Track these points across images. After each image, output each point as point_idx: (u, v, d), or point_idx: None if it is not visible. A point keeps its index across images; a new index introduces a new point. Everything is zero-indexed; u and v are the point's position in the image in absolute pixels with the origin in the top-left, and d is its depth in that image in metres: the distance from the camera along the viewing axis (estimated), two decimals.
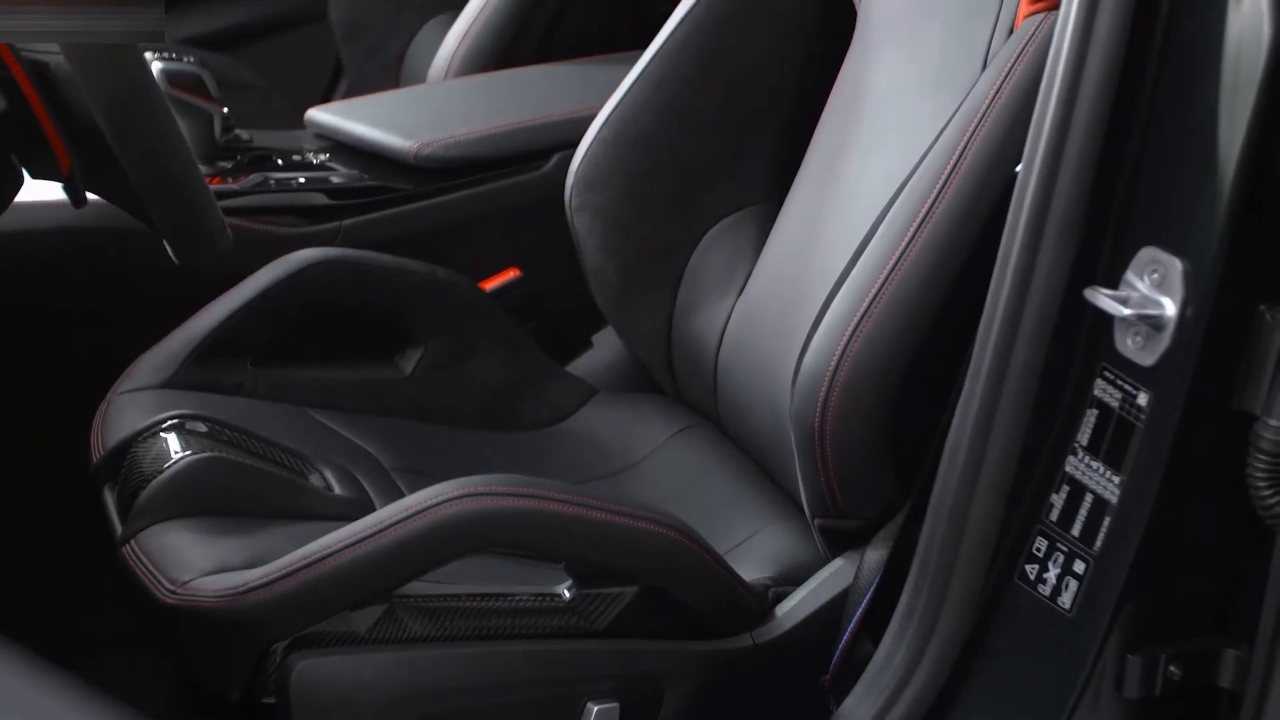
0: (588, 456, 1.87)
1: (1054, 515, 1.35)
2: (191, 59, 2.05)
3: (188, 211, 1.39)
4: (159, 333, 1.78)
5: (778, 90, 1.86)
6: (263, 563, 1.42)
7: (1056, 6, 1.33)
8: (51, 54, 1.37)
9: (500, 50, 2.43)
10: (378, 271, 1.86)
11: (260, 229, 1.98)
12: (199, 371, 1.74)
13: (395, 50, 2.81)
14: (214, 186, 1.98)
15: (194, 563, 1.44)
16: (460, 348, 1.89)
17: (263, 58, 3.02)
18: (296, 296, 1.80)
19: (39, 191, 1.63)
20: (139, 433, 1.63)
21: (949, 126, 1.51)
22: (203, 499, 1.53)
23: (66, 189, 1.50)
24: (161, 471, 1.54)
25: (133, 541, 1.50)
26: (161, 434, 1.61)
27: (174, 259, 1.47)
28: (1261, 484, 1.24)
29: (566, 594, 1.46)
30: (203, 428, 1.62)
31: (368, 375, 1.86)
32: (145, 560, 1.47)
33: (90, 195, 1.57)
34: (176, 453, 1.57)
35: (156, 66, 1.97)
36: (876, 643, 1.46)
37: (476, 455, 1.82)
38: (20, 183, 1.51)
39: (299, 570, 1.38)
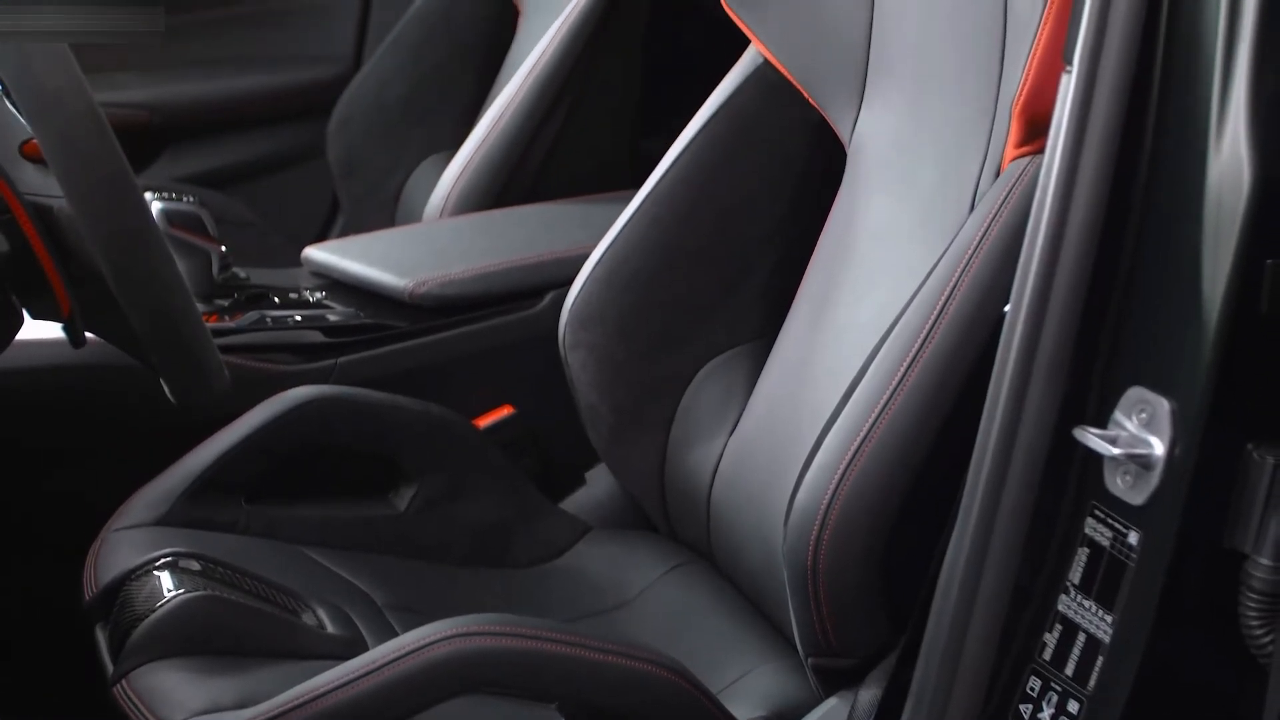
0: (581, 594, 1.87)
1: (1047, 654, 1.35)
2: (191, 199, 2.08)
3: (185, 352, 1.40)
4: (154, 469, 1.79)
5: (770, 229, 1.88)
6: (254, 703, 1.41)
7: (1042, 150, 1.36)
8: (55, 198, 1.39)
9: (495, 189, 2.46)
10: (372, 409, 1.87)
11: (256, 367, 1.99)
12: (193, 508, 1.75)
13: (392, 188, 2.84)
14: (211, 325, 2.00)
15: (185, 703, 1.44)
16: (454, 485, 1.90)
17: (260, 195, 3.05)
18: (291, 434, 1.81)
19: (37, 330, 1.64)
20: (132, 571, 1.63)
21: (938, 267, 1.53)
22: (195, 638, 1.53)
23: (66, 330, 1.51)
24: (154, 610, 1.54)
25: (124, 681, 1.49)
26: (154, 572, 1.61)
27: (171, 398, 1.48)
28: (1254, 622, 1.24)
29: None
30: (196, 566, 1.63)
31: (362, 512, 1.87)
32: (136, 700, 1.47)
33: (89, 335, 1.58)
34: (169, 591, 1.57)
35: (156, 207, 1.99)
36: None
37: (470, 593, 1.82)
38: (20, 323, 1.53)
39: (290, 710, 1.38)
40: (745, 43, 1.85)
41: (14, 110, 1.46)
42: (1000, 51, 1.56)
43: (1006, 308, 1.35)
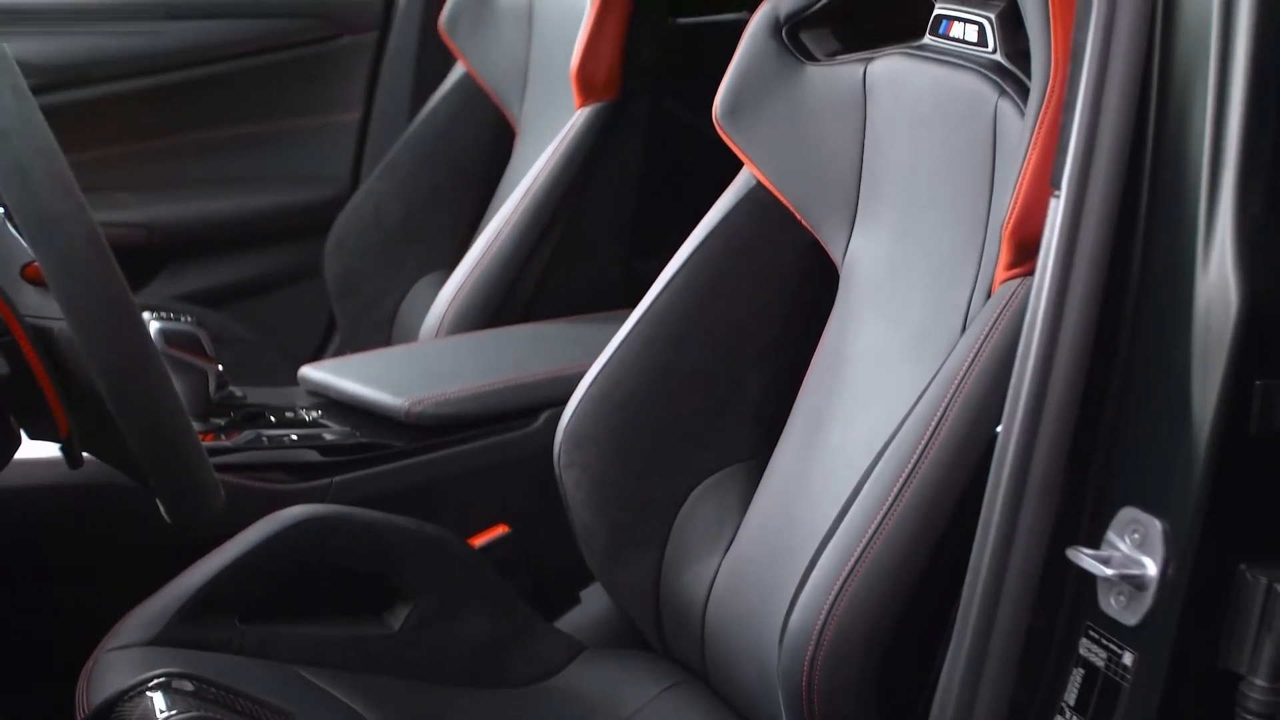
0: (576, 714, 1.86)
1: None
2: (188, 318, 2.09)
3: (182, 472, 1.41)
4: (149, 588, 1.79)
5: (763, 349, 1.89)
6: None
7: (1032, 272, 1.38)
8: (55, 320, 1.40)
9: (491, 308, 2.48)
10: (367, 528, 1.87)
11: (252, 486, 1.99)
12: (187, 628, 1.74)
13: (388, 307, 2.86)
14: (207, 443, 2.00)
15: None
16: (448, 604, 1.89)
17: (257, 313, 3.07)
18: (286, 553, 1.81)
19: (35, 450, 1.65)
20: (125, 692, 1.62)
21: (930, 387, 1.54)
22: None
23: (64, 450, 1.52)
24: None
25: None
26: (147, 693, 1.61)
27: (167, 518, 1.48)
28: None
29: None
30: (189, 686, 1.62)
31: (356, 632, 1.86)
32: None
33: (86, 455, 1.59)
34: (162, 713, 1.56)
35: (154, 326, 2.01)
36: None
37: (465, 714, 1.81)
38: (18, 444, 1.53)
39: None
40: (739, 164, 1.87)
41: (16, 234, 1.48)
42: (990, 175, 1.58)
43: (999, 428, 1.36)
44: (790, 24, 1.81)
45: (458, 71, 2.90)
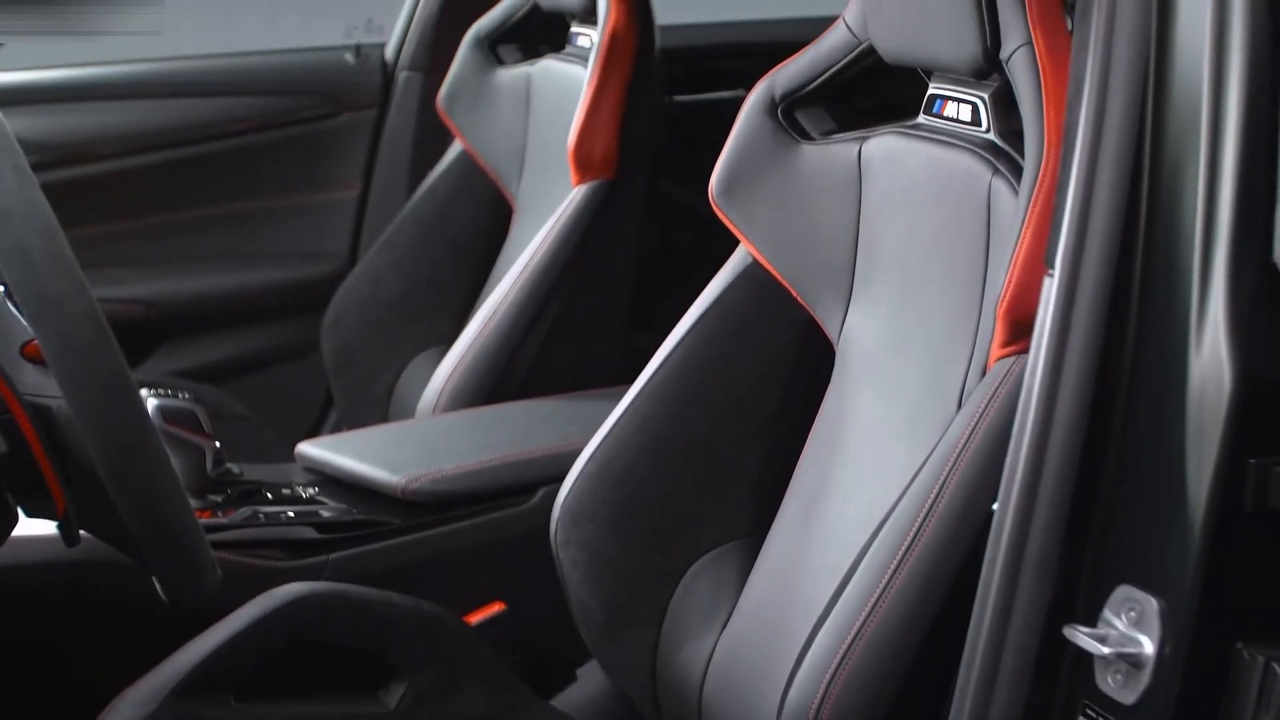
0: None
1: None
2: (186, 395, 2.10)
3: (178, 550, 1.41)
4: (144, 666, 1.78)
5: (760, 426, 1.89)
6: None
7: (1027, 350, 1.38)
8: (53, 398, 1.41)
9: (488, 385, 2.49)
10: (363, 606, 1.87)
11: (248, 563, 1.99)
12: (182, 708, 1.73)
13: (385, 384, 2.87)
14: (204, 521, 2.00)
15: None
16: (444, 682, 1.89)
17: (255, 389, 3.08)
18: (282, 631, 1.80)
19: (31, 527, 1.65)
20: None
21: (926, 465, 1.55)
22: None
23: (61, 528, 1.52)
24: None
25: None
26: None
27: (163, 596, 1.48)
28: None
29: None
30: None
31: (351, 710, 1.85)
32: None
33: (82, 532, 1.59)
34: None
35: (152, 403, 2.01)
36: None
37: None
38: (15, 522, 1.54)
39: None
40: (735, 241, 1.89)
41: (16, 312, 1.49)
42: (984, 253, 1.59)
43: (995, 505, 1.36)
44: (785, 103, 1.83)
45: (456, 149, 2.92)
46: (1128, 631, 1.27)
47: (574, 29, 2.75)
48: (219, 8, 4.07)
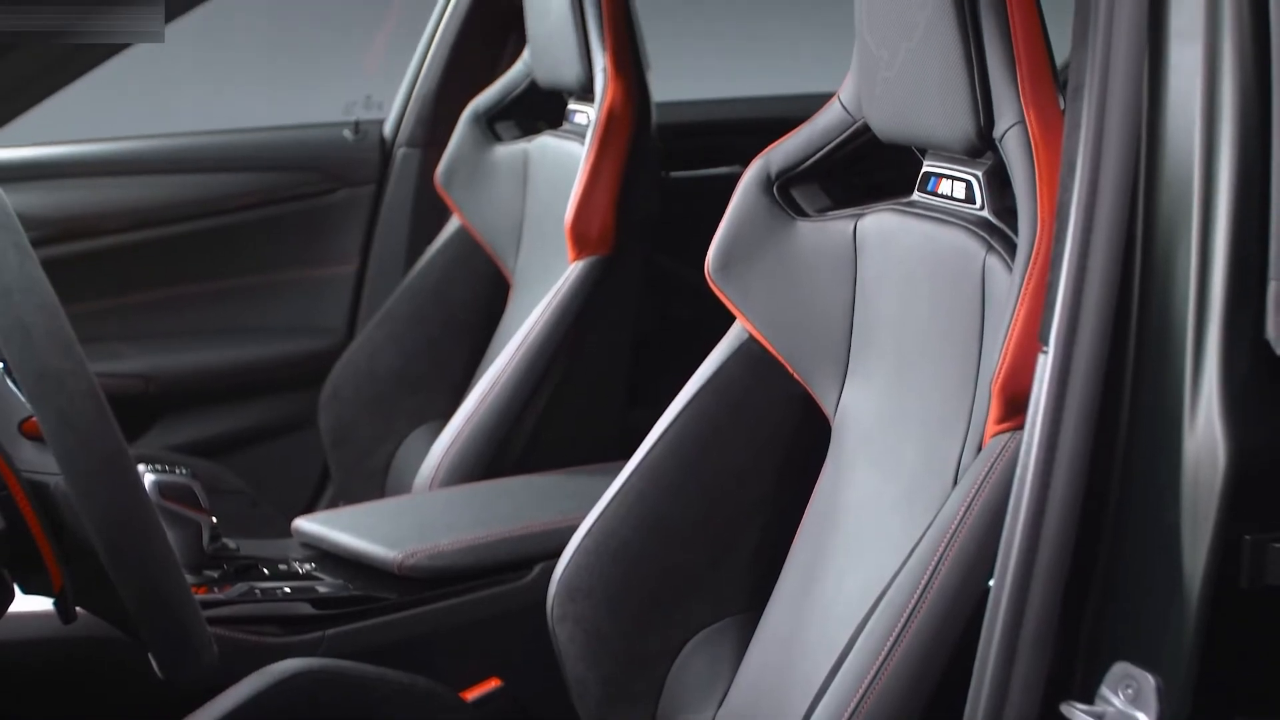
0: None
1: None
2: (183, 470, 2.10)
3: (175, 627, 1.41)
4: None
5: (756, 501, 1.90)
6: None
7: (1022, 426, 1.39)
8: (51, 475, 1.41)
9: (485, 460, 2.49)
10: (359, 682, 1.86)
11: (244, 639, 1.98)
12: None
13: (382, 458, 2.87)
14: (200, 596, 2.00)
15: None
16: None
17: (252, 464, 3.08)
18: (278, 707, 1.80)
19: (28, 604, 1.65)
20: None
21: (922, 541, 1.55)
22: None
23: (57, 604, 1.52)
24: None
25: None
26: None
27: (159, 672, 1.48)
28: None
29: None
30: None
31: None
32: None
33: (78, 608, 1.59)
34: None
35: (149, 479, 2.01)
36: None
37: None
38: (11, 598, 1.54)
39: None
40: (732, 316, 1.89)
41: (14, 389, 1.49)
42: (979, 330, 1.60)
43: (991, 582, 1.36)
44: (781, 180, 1.84)
45: (453, 225, 2.94)
46: (1125, 708, 1.27)
47: (571, 106, 2.77)
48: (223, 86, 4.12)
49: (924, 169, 1.73)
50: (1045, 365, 1.34)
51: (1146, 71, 1.35)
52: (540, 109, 2.89)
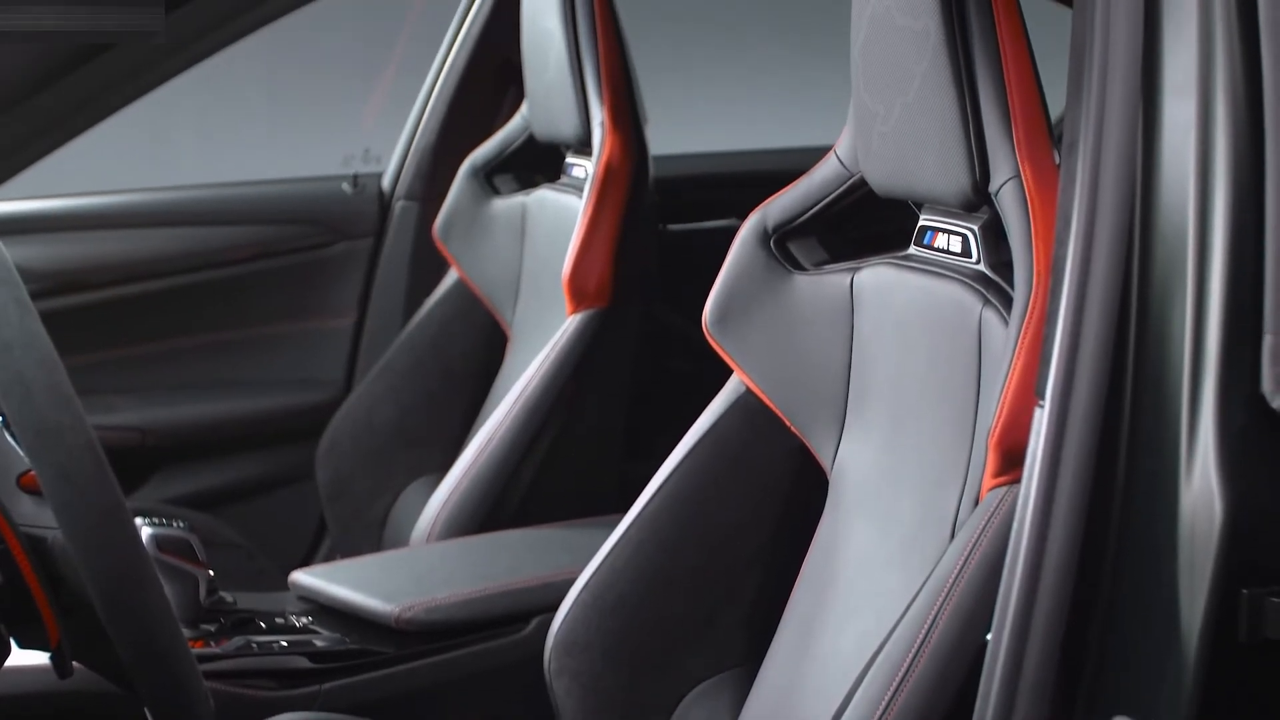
0: None
1: None
2: (180, 523, 2.10)
3: (171, 682, 1.41)
4: None
5: (754, 555, 1.90)
6: None
7: (1019, 480, 1.39)
8: (49, 529, 1.41)
9: (482, 513, 2.49)
10: None
11: (240, 693, 1.98)
12: None
13: (379, 511, 2.87)
14: (197, 650, 1.99)
15: None
16: None
17: (249, 517, 3.07)
18: None
19: (24, 658, 1.64)
20: None
21: (920, 594, 1.55)
22: None
23: (53, 659, 1.52)
24: None
25: None
26: None
27: None
28: None
29: None
30: None
31: None
32: None
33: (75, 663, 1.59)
34: None
35: (146, 532, 2.01)
36: None
37: None
38: (8, 652, 1.53)
39: None
40: (729, 369, 1.90)
41: (12, 443, 1.49)
42: (976, 383, 1.60)
43: (989, 636, 1.36)
44: (778, 234, 1.85)
45: (451, 277, 2.94)
46: None
47: (569, 159, 2.78)
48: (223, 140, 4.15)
49: (920, 223, 1.73)
50: (1042, 419, 1.34)
51: (1141, 126, 1.36)
52: (538, 162, 2.91)
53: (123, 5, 1.26)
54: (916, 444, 1.69)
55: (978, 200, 1.60)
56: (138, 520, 1.90)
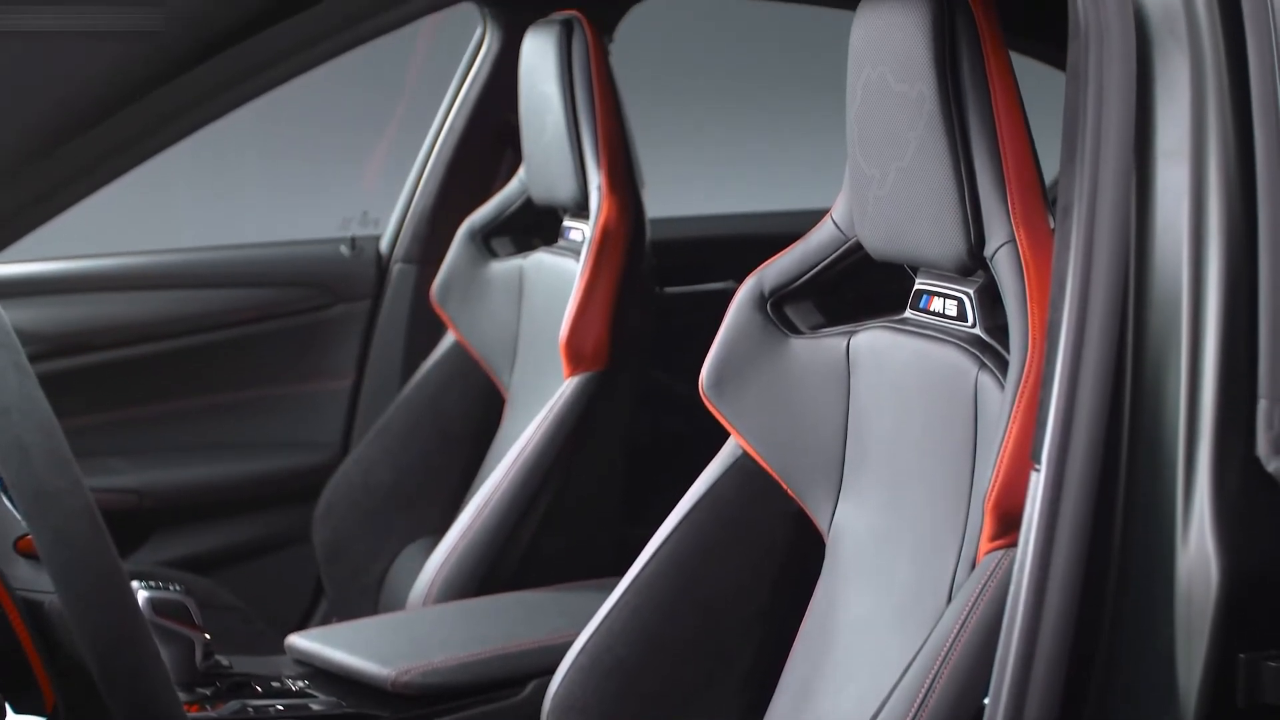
0: None
1: None
2: (177, 587, 2.09)
3: None
4: None
5: (751, 618, 1.89)
6: None
7: (1015, 544, 1.39)
8: (46, 594, 1.41)
9: (479, 576, 2.49)
10: None
11: None
12: None
13: (376, 574, 2.86)
14: (192, 714, 1.99)
15: None
16: None
17: (245, 579, 3.06)
18: None
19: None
20: None
21: (918, 658, 1.54)
22: None
23: None
24: None
25: None
26: None
27: None
28: None
29: None
30: None
31: None
32: None
33: None
34: None
35: (142, 596, 2.01)
36: None
37: None
38: (3, 717, 1.53)
39: None
40: (726, 431, 1.90)
41: (10, 507, 1.49)
42: (972, 447, 1.60)
43: (986, 700, 1.36)
44: (775, 297, 1.86)
45: (448, 340, 2.95)
46: None
47: (566, 223, 2.79)
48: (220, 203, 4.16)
49: (916, 286, 1.74)
50: (1037, 483, 1.34)
51: (1134, 191, 1.37)
52: (535, 226, 2.92)
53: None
54: (913, 507, 1.69)
55: (973, 264, 1.61)
56: (134, 584, 1.89)
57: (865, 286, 1.88)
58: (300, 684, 2.16)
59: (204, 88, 1.12)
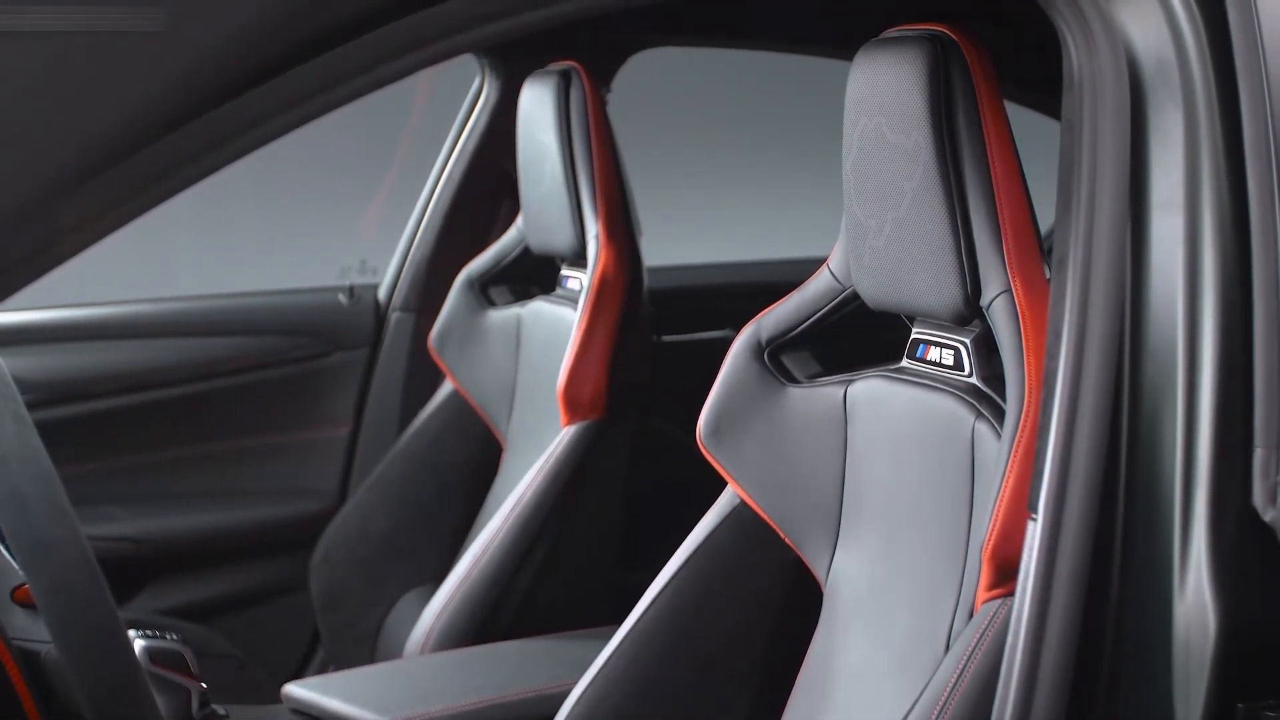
0: None
1: None
2: (174, 636, 2.08)
3: None
4: None
5: (749, 666, 1.89)
6: None
7: (1013, 593, 1.39)
8: (43, 643, 1.41)
9: (477, 624, 2.49)
10: None
11: None
12: None
13: (373, 622, 2.86)
14: None
15: None
16: None
17: (242, 627, 3.06)
18: None
19: None
20: None
21: (916, 707, 1.54)
22: None
23: None
24: None
25: None
26: None
27: None
28: None
29: None
30: None
31: None
32: None
33: None
34: None
35: (139, 645, 1.99)
36: None
37: None
38: None
39: None
40: (723, 480, 1.90)
41: (8, 556, 1.49)
42: (969, 496, 1.61)
43: None
44: (772, 347, 1.86)
45: (446, 388, 2.95)
46: None
47: (564, 271, 2.80)
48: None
49: (913, 336, 1.75)
50: (1034, 533, 1.34)
51: (1130, 242, 1.38)
52: (533, 274, 2.93)
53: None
54: (910, 556, 1.69)
55: (969, 314, 1.62)
56: (130, 632, 1.89)
57: (862, 335, 1.88)
58: None
59: (196, 144, 1.13)
